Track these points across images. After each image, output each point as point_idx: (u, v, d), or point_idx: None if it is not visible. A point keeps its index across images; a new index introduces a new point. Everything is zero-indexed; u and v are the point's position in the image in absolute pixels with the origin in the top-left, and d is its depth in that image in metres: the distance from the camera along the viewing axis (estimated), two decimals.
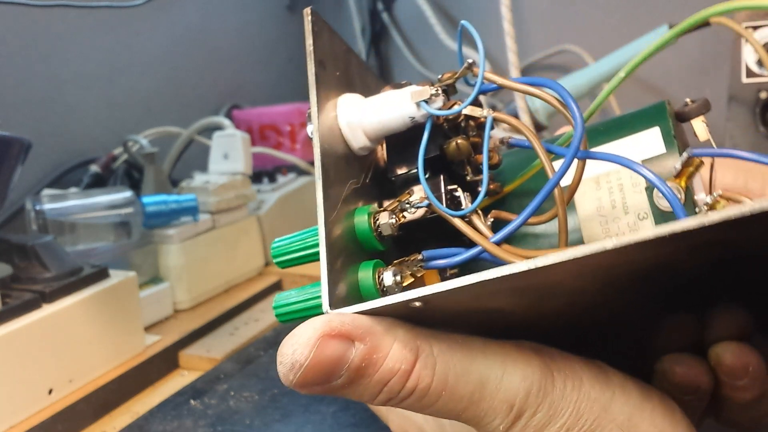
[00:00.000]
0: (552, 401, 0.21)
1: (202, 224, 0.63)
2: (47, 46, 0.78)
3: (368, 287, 0.23)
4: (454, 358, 0.21)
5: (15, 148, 0.45)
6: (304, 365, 0.19)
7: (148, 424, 0.43)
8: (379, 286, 0.23)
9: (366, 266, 0.24)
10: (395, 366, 0.20)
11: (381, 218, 0.24)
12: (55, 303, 0.44)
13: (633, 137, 0.26)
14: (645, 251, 0.18)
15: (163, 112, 0.96)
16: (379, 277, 0.23)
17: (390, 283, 0.23)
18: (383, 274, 0.23)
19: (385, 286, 0.23)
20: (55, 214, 0.51)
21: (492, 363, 0.21)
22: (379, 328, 0.20)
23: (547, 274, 0.19)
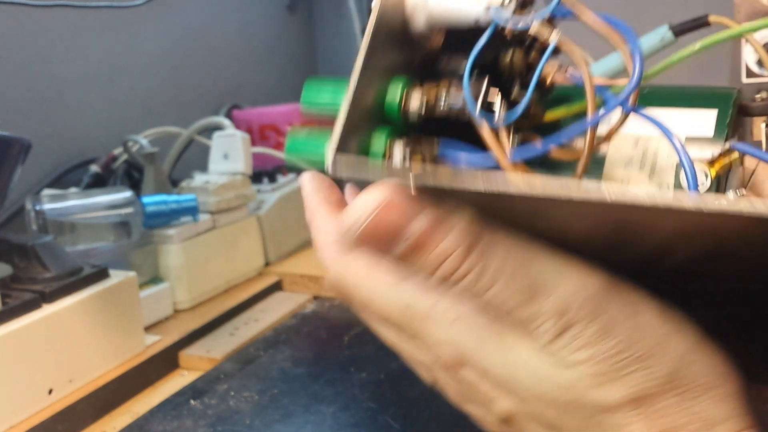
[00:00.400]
0: (608, 320, 0.20)
1: (202, 224, 0.63)
2: (47, 46, 0.78)
3: (377, 151, 0.23)
4: (514, 250, 0.20)
5: (15, 148, 0.45)
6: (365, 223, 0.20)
7: (148, 424, 0.43)
8: (387, 154, 0.23)
9: (382, 131, 0.24)
10: (453, 245, 0.20)
11: (413, 95, 0.24)
12: (55, 303, 0.44)
13: (689, 111, 0.25)
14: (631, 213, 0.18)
15: (163, 112, 0.96)
16: (391, 145, 0.23)
17: (398, 156, 0.23)
18: (395, 144, 0.23)
19: (393, 156, 0.23)
20: (55, 214, 0.51)
21: (553, 264, 0.20)
22: (444, 208, 0.20)
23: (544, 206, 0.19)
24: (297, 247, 0.78)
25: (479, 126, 0.23)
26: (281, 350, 0.53)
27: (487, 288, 0.20)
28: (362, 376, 0.48)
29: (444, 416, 0.43)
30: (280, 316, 0.60)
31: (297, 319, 0.61)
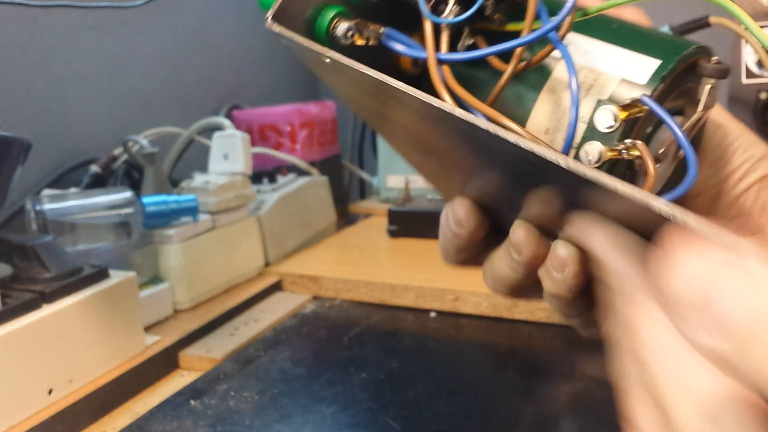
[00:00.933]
0: None
1: (202, 224, 0.63)
2: (47, 46, 0.78)
3: (321, 25, 0.24)
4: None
5: (15, 148, 0.45)
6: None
7: (148, 424, 0.43)
8: (330, 30, 0.24)
9: (332, 8, 0.24)
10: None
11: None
12: (55, 303, 0.44)
13: (633, 54, 0.25)
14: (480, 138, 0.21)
15: (163, 112, 0.97)
16: (335, 23, 0.24)
17: (340, 33, 0.24)
18: (340, 23, 0.24)
19: (336, 34, 0.24)
20: (55, 214, 0.51)
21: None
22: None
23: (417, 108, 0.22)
24: (297, 248, 0.79)
25: (422, 18, 0.24)
26: (281, 350, 0.53)
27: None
28: (362, 376, 0.48)
29: (443, 416, 0.43)
30: (280, 317, 0.60)
31: (297, 320, 0.61)
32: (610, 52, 0.25)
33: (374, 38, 0.25)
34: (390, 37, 0.25)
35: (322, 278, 0.66)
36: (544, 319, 0.57)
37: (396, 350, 0.53)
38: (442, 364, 0.50)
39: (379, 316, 0.61)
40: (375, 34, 0.25)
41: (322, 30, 0.24)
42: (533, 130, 0.26)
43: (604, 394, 0.44)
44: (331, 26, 0.24)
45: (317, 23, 0.24)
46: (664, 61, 0.24)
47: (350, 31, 0.24)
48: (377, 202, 1.02)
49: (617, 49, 0.25)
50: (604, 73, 0.25)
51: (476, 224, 0.26)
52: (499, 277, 0.27)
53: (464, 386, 0.47)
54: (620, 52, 0.25)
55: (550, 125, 0.25)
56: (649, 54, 0.24)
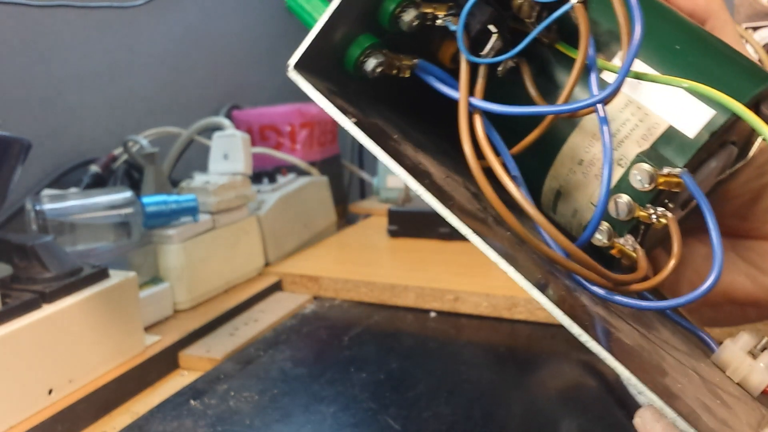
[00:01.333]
0: None
1: (202, 224, 0.63)
2: (47, 46, 0.78)
3: (351, 57, 0.23)
4: None
5: (15, 149, 0.45)
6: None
7: (148, 424, 0.43)
8: (359, 62, 0.23)
9: (365, 39, 0.23)
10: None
11: (409, 8, 0.23)
12: (55, 303, 0.44)
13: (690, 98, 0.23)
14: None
15: (163, 112, 0.97)
16: (365, 55, 0.23)
17: (369, 69, 0.23)
18: (371, 56, 0.23)
19: (365, 68, 0.23)
20: (55, 214, 0.51)
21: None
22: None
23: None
24: (297, 248, 0.79)
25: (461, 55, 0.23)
26: (281, 350, 0.54)
27: None
28: (362, 376, 0.48)
29: (443, 416, 0.43)
30: (280, 317, 0.60)
31: (297, 320, 0.61)
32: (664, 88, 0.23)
33: (406, 71, 0.24)
34: (424, 69, 0.24)
35: (322, 278, 0.66)
36: (543, 319, 0.57)
37: (396, 350, 0.53)
38: (442, 363, 0.50)
39: (379, 316, 0.61)
40: (407, 67, 0.24)
41: (350, 62, 0.24)
42: (567, 156, 0.25)
43: (604, 394, 0.44)
44: (359, 60, 0.23)
45: (347, 54, 0.24)
46: (719, 112, 0.22)
47: (379, 67, 0.23)
48: (377, 202, 1.02)
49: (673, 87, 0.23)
50: (652, 115, 0.23)
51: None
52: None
53: (464, 386, 0.47)
54: (675, 91, 0.23)
55: (585, 157, 0.25)
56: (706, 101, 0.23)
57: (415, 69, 0.24)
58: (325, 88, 0.23)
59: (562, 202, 0.26)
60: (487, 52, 0.23)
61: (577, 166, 0.25)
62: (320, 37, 0.22)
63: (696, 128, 0.23)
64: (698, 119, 0.23)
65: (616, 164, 0.23)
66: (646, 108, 0.23)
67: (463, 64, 0.23)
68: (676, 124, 0.23)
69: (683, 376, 0.22)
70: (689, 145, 0.23)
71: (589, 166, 0.24)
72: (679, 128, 0.23)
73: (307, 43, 0.22)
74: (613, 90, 0.21)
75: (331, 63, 0.24)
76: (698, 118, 0.23)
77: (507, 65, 0.25)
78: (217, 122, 0.77)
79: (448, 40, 0.25)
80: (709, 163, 0.24)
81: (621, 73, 0.21)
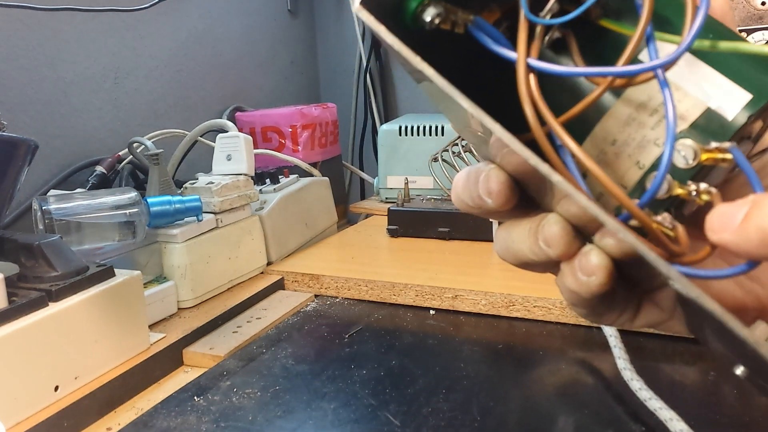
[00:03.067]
0: None
1: (205, 224, 0.64)
2: (54, 49, 0.79)
3: (410, 6, 0.23)
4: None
5: (22, 150, 0.46)
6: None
7: (152, 420, 0.44)
8: (418, 13, 0.23)
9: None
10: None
11: None
12: (62, 301, 0.45)
13: (724, 80, 0.23)
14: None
15: (167, 114, 0.97)
16: (424, 6, 0.23)
17: (428, 18, 0.23)
18: (430, 6, 0.23)
19: (424, 18, 0.23)
20: (61, 214, 0.52)
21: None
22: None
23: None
24: (298, 247, 0.79)
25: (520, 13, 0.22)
26: (283, 348, 0.54)
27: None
28: (363, 373, 0.49)
29: (442, 412, 0.43)
30: (282, 314, 0.61)
31: (299, 317, 0.61)
32: (700, 71, 0.23)
33: (462, 26, 0.23)
34: (479, 26, 0.24)
35: (323, 277, 0.67)
36: (540, 316, 0.57)
37: (396, 347, 0.54)
38: (441, 360, 0.51)
39: (379, 314, 0.61)
40: (463, 22, 0.23)
41: (409, 11, 0.23)
42: (600, 137, 0.24)
43: (601, 390, 0.45)
44: (419, 9, 0.23)
45: (406, 4, 0.23)
46: (755, 97, 0.22)
47: (438, 17, 0.23)
48: (377, 202, 1.03)
49: (708, 70, 0.23)
50: (691, 96, 0.23)
51: (505, 200, 0.25)
52: (514, 250, 0.26)
53: (463, 382, 0.47)
54: (711, 74, 0.23)
55: (619, 137, 0.24)
56: (741, 84, 0.23)
57: (470, 25, 0.24)
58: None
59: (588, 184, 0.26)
60: (546, 12, 0.23)
61: (609, 146, 0.24)
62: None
63: (735, 110, 0.23)
64: (737, 102, 0.23)
65: (653, 144, 0.23)
66: (685, 89, 0.23)
67: (522, 23, 0.23)
68: (715, 106, 0.23)
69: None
70: (728, 126, 0.23)
71: (623, 146, 0.24)
72: (718, 110, 0.23)
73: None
74: (679, 54, 0.21)
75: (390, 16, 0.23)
76: (737, 101, 0.23)
77: (553, 36, 0.24)
78: (220, 124, 0.78)
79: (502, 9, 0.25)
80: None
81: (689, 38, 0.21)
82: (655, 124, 0.23)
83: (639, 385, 0.43)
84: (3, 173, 0.45)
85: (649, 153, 0.23)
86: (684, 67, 0.23)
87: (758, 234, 0.19)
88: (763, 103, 0.23)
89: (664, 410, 0.40)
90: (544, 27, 0.23)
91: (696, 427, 0.38)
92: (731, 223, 0.19)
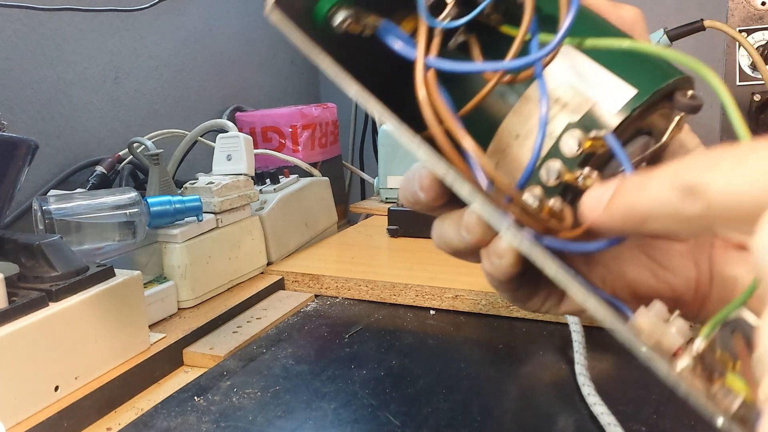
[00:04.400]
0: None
1: (205, 224, 0.64)
2: (54, 49, 0.79)
3: (320, 10, 0.24)
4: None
5: (22, 150, 0.46)
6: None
7: (153, 420, 0.44)
8: (328, 17, 0.24)
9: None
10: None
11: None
12: (62, 301, 0.44)
13: (613, 78, 0.25)
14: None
15: (167, 114, 0.97)
16: (334, 10, 0.24)
17: (337, 22, 0.24)
18: (339, 11, 0.24)
19: (333, 22, 0.24)
20: (61, 214, 0.52)
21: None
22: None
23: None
24: (298, 247, 0.79)
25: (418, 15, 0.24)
26: (283, 348, 0.54)
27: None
28: (363, 373, 0.49)
29: (443, 412, 0.43)
30: (282, 314, 0.61)
31: (299, 317, 0.61)
32: (592, 70, 0.25)
33: (370, 29, 0.25)
34: (386, 30, 0.25)
35: (323, 277, 0.67)
36: (540, 316, 0.57)
37: (396, 347, 0.54)
38: (442, 360, 0.51)
39: (379, 314, 0.61)
40: (371, 26, 0.25)
41: (320, 15, 0.24)
42: (506, 132, 0.26)
43: (600, 391, 0.45)
44: (329, 13, 0.24)
45: (317, 7, 0.24)
46: (640, 91, 0.24)
47: (348, 20, 0.24)
48: (377, 202, 1.03)
49: (600, 69, 0.25)
50: (581, 94, 0.25)
51: (436, 195, 0.28)
52: (445, 239, 0.29)
53: (463, 382, 0.47)
54: (602, 73, 0.25)
55: (521, 131, 0.26)
56: (628, 81, 0.25)
57: (378, 29, 0.25)
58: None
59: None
60: (444, 17, 0.25)
61: (513, 140, 0.26)
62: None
63: (619, 105, 0.24)
64: (622, 97, 0.24)
65: (548, 136, 0.25)
66: (576, 86, 0.25)
67: (422, 27, 0.24)
68: (601, 101, 0.25)
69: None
70: (613, 120, 0.24)
71: (525, 139, 0.26)
72: (604, 105, 0.25)
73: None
74: (553, 48, 0.23)
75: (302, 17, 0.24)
76: (622, 97, 0.24)
77: (457, 40, 0.26)
78: (220, 124, 0.78)
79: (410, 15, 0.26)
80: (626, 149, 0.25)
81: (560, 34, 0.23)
82: (550, 119, 0.25)
83: (588, 390, 0.44)
84: (3, 173, 0.45)
85: (545, 144, 0.25)
86: (576, 64, 0.25)
87: (622, 211, 0.20)
88: (646, 98, 0.24)
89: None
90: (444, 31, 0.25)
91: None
92: (599, 203, 0.21)
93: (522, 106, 0.26)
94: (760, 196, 0.16)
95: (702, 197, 0.17)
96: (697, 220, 0.18)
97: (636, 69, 0.25)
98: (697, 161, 0.18)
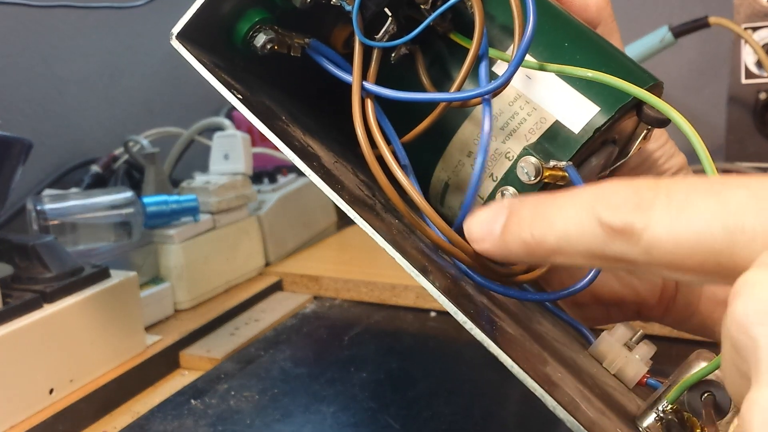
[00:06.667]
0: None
1: (202, 224, 0.63)
2: (48, 47, 0.78)
3: (239, 31, 0.23)
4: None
5: (16, 149, 0.46)
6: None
7: (149, 423, 0.43)
8: (247, 37, 0.23)
9: (255, 13, 0.23)
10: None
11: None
12: (56, 303, 0.44)
13: (574, 93, 0.23)
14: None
15: (163, 112, 0.97)
16: (254, 31, 0.23)
17: (259, 44, 0.23)
18: (261, 31, 0.23)
19: (254, 43, 0.23)
20: (56, 214, 0.52)
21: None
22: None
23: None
24: (297, 248, 0.79)
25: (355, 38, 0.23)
26: (281, 350, 0.54)
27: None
28: (362, 375, 0.49)
29: (443, 416, 0.43)
30: (280, 316, 0.61)
31: (297, 319, 0.61)
32: (552, 84, 0.23)
33: (298, 49, 0.24)
34: (315, 49, 0.24)
35: (322, 278, 0.66)
36: None
37: (396, 350, 0.53)
38: (442, 363, 0.51)
39: (379, 316, 0.61)
40: (299, 46, 0.23)
41: (239, 36, 0.23)
42: (457, 148, 0.25)
43: None
44: (249, 35, 0.23)
45: (236, 28, 0.23)
46: (603, 109, 0.23)
47: (270, 43, 0.23)
48: None
49: (561, 83, 0.23)
50: (540, 110, 0.23)
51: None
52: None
53: (464, 386, 0.47)
54: (562, 87, 0.23)
55: (474, 149, 0.24)
56: (590, 97, 0.23)
57: (307, 48, 0.24)
58: (210, 61, 0.23)
59: (450, 194, 0.26)
60: (382, 35, 0.23)
61: (466, 158, 0.25)
62: (207, 7, 0.22)
63: (581, 124, 0.23)
64: (583, 115, 0.23)
65: (504, 157, 0.24)
66: (535, 102, 0.24)
67: (357, 47, 0.23)
68: (562, 119, 0.23)
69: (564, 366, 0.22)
70: (574, 140, 0.23)
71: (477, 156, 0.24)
72: (566, 123, 0.23)
73: (191, 12, 0.22)
74: (503, 82, 0.21)
75: (220, 37, 0.23)
76: (583, 115, 0.23)
77: (400, 52, 0.24)
78: (217, 122, 0.77)
79: (342, 24, 0.25)
80: (590, 161, 0.25)
81: (511, 66, 0.21)
82: (506, 138, 0.24)
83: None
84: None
85: (501, 166, 0.24)
86: (535, 79, 0.24)
87: (522, 242, 0.18)
88: (609, 117, 0.23)
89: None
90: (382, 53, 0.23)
91: None
92: (491, 233, 0.18)
93: (477, 118, 0.24)
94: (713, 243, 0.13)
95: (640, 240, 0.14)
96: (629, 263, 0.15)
97: (596, 84, 0.23)
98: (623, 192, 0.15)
